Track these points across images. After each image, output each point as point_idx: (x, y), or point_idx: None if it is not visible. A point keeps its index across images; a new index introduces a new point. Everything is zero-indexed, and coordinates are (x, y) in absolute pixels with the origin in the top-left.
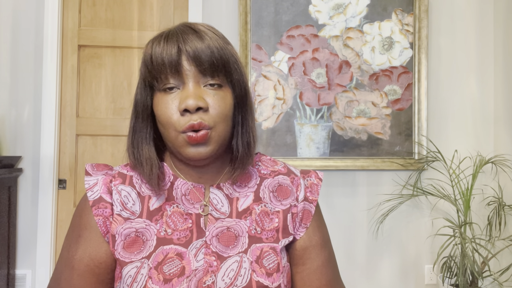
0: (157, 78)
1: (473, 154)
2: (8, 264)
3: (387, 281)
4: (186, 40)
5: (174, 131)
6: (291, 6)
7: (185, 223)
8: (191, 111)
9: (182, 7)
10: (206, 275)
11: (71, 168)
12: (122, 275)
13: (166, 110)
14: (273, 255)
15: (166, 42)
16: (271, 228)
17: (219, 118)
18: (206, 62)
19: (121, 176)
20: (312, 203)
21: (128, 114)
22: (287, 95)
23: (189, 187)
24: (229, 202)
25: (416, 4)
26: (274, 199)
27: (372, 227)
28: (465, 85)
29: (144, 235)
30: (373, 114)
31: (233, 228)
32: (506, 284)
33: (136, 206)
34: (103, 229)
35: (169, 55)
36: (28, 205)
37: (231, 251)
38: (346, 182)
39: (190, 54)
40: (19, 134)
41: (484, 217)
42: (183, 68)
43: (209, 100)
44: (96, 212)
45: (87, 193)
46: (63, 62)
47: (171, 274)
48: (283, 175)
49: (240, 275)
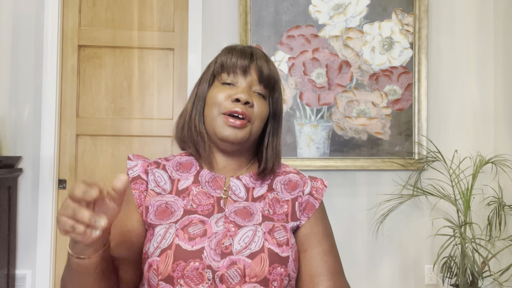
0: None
1: (473, 154)
2: (8, 264)
3: (387, 281)
4: (258, 55)
5: (217, 111)
6: (291, 6)
7: (208, 200)
8: (241, 101)
9: (182, 7)
10: (225, 237)
11: (71, 168)
12: (154, 234)
13: (219, 94)
14: (283, 231)
15: (244, 48)
16: (281, 212)
17: (258, 116)
18: (264, 74)
19: (156, 163)
20: (317, 200)
21: (128, 114)
22: (287, 95)
23: (212, 176)
24: (246, 190)
25: (416, 4)
26: (285, 190)
27: (372, 227)
28: (465, 85)
29: (173, 207)
30: (373, 114)
31: (249, 207)
32: (506, 284)
33: (167, 186)
34: (137, 201)
35: (244, 56)
36: (28, 205)
37: (247, 223)
38: (346, 182)
39: (258, 64)
40: (19, 134)
41: (484, 217)
42: (249, 70)
43: (255, 102)
44: (134, 186)
45: (128, 171)
46: (63, 62)
47: (195, 234)
48: (293, 174)
49: (254, 241)
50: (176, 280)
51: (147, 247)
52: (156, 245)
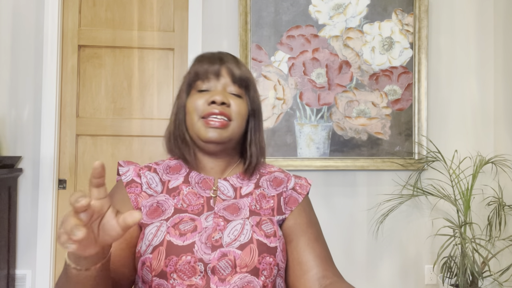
0: (201, 78)
1: (473, 154)
2: (8, 264)
3: (387, 281)
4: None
5: (197, 116)
6: (291, 6)
7: (198, 200)
8: (217, 103)
9: (182, 7)
10: (215, 231)
11: (71, 168)
12: (145, 233)
13: (196, 100)
14: (270, 224)
15: (213, 54)
16: (268, 207)
17: (237, 114)
18: (236, 75)
19: (148, 167)
20: (300, 195)
21: (128, 114)
22: (287, 95)
23: (202, 178)
24: (234, 189)
25: (416, 4)
26: (271, 187)
27: (372, 227)
28: (465, 85)
29: (163, 205)
30: (373, 114)
31: (237, 203)
32: (506, 284)
33: (159, 187)
34: (134, 204)
35: (213, 62)
36: (28, 205)
37: (235, 217)
38: (346, 182)
39: (229, 67)
40: (19, 134)
41: (484, 217)
42: (221, 74)
43: (231, 101)
44: (129, 190)
45: (121, 177)
46: (63, 62)
47: (186, 230)
48: (278, 172)
49: (243, 234)
50: (169, 275)
51: (140, 246)
52: (148, 243)
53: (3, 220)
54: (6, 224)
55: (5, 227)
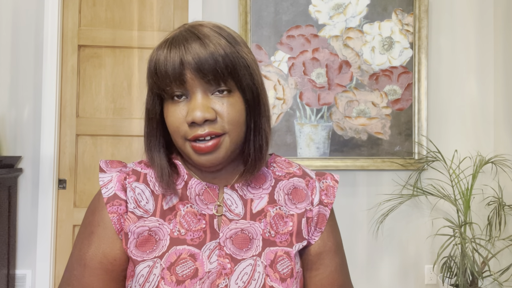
0: (163, 89)
1: (473, 154)
2: (8, 264)
3: (387, 281)
4: (189, 49)
5: (182, 140)
6: (291, 6)
7: (198, 224)
8: (198, 123)
9: (182, 7)
10: (220, 277)
11: (71, 168)
12: (135, 273)
13: (175, 120)
14: (287, 260)
15: (170, 52)
16: (285, 231)
17: (230, 125)
18: (209, 73)
19: (135, 173)
20: (327, 207)
21: (128, 114)
22: (287, 95)
23: (203, 187)
24: (243, 203)
25: (416, 4)
26: (289, 202)
27: (372, 227)
28: (465, 85)
29: (157, 234)
30: (373, 114)
31: (247, 230)
32: (506, 284)
33: (150, 205)
34: (117, 227)
35: (172, 68)
36: (28, 205)
37: (245, 253)
38: (346, 182)
39: (193, 66)
40: (19, 134)
41: (484, 217)
42: (187, 80)
43: (218, 108)
44: (110, 209)
45: (101, 189)
46: (63, 62)
47: (184, 276)
48: (298, 177)
49: (253, 279)
50: None
51: (129, 286)
52: (139, 287)
53: (3, 220)
54: (6, 224)
55: (5, 227)
